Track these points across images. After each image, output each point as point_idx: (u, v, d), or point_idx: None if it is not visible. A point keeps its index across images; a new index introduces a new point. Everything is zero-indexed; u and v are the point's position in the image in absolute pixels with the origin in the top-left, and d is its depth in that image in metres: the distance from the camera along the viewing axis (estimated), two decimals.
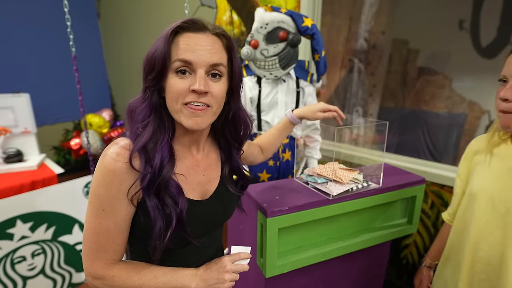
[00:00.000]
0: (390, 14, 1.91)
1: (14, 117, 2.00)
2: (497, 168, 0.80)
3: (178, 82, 0.57)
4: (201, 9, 2.57)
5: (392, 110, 1.98)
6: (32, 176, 1.86)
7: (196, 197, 0.67)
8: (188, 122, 0.58)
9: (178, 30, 0.57)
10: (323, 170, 1.11)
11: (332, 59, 2.17)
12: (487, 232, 0.79)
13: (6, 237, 1.61)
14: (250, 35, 1.51)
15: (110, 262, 0.62)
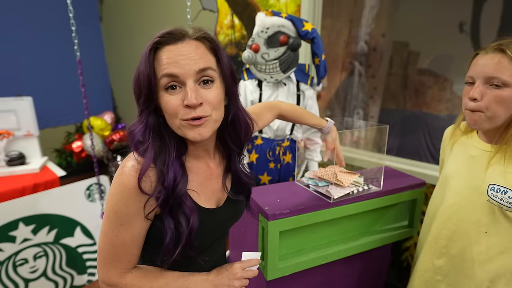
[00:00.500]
0: (391, 16, 1.91)
1: (17, 120, 2.01)
2: (461, 156, 0.92)
3: (170, 99, 0.55)
4: (202, 13, 2.59)
5: (393, 112, 1.99)
6: (35, 179, 1.87)
7: (213, 205, 0.68)
8: (191, 135, 0.57)
9: (157, 46, 0.55)
10: (324, 174, 1.12)
11: (333, 62, 2.18)
12: (452, 212, 0.90)
13: (9, 239, 1.62)
14: (251, 39, 1.52)
15: (124, 271, 0.62)
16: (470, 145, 0.90)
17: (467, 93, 0.83)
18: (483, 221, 0.84)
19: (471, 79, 0.82)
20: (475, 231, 0.85)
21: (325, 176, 1.10)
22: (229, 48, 2.49)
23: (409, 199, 1.24)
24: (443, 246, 0.93)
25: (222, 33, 2.50)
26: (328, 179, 1.09)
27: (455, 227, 0.89)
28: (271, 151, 1.59)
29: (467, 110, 0.83)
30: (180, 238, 0.58)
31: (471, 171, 0.87)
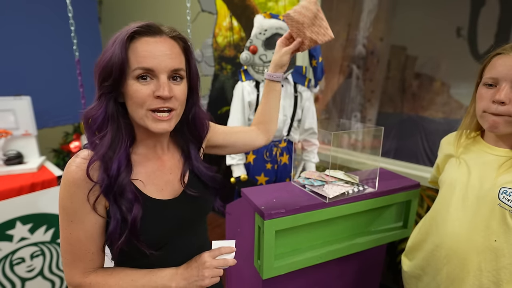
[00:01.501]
0: (388, 21, 1.94)
1: (15, 120, 2.01)
2: (469, 163, 0.87)
3: (140, 88, 0.56)
4: (201, 15, 2.61)
5: (390, 115, 2.01)
6: (32, 178, 1.87)
7: (167, 197, 0.67)
8: (154, 128, 0.58)
9: (134, 35, 0.56)
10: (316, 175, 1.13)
11: (331, 65, 2.20)
12: (454, 218, 0.85)
13: (6, 238, 1.62)
14: (249, 40, 1.54)
15: (87, 270, 0.63)
16: (481, 151, 0.86)
17: (487, 95, 0.77)
18: (492, 228, 0.79)
19: (493, 80, 0.77)
20: (483, 239, 0.80)
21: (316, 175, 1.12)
22: (227, 50, 2.51)
23: (403, 200, 1.25)
24: (445, 256, 0.87)
25: (220, 35, 2.52)
26: (323, 178, 1.11)
27: (458, 236, 0.84)
28: (268, 152, 1.60)
29: (488, 113, 0.78)
30: (126, 227, 0.59)
31: (482, 176, 0.82)
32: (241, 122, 1.63)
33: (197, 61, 2.75)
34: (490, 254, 0.80)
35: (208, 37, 2.61)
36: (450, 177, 0.90)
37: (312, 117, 1.70)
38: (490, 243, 0.79)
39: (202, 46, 2.67)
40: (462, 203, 0.84)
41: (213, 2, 2.49)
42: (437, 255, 0.89)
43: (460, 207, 0.85)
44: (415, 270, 0.98)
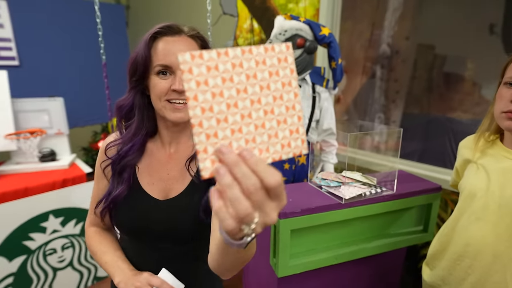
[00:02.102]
0: (415, 19, 1.88)
1: (49, 119, 2.15)
2: (488, 168, 0.84)
3: (160, 82, 0.63)
4: (223, 18, 2.66)
5: (416, 116, 1.95)
6: (64, 175, 1.99)
7: (155, 194, 0.69)
8: (171, 116, 0.64)
9: (156, 36, 0.63)
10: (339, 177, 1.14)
11: (353, 65, 2.16)
12: (476, 227, 0.82)
13: (40, 230, 1.73)
14: (268, 41, 1.56)
15: (92, 222, 0.79)
16: (500, 156, 0.83)
17: (508, 95, 0.76)
18: None
19: None
20: (507, 249, 0.77)
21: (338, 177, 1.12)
22: None
23: (424, 204, 1.23)
24: (468, 266, 0.84)
25: (241, 37, 2.56)
26: (340, 179, 1.11)
27: (481, 245, 0.81)
28: None
29: (505, 113, 0.77)
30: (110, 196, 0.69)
31: (502, 183, 0.80)
32: None
33: None
34: None
35: (229, 39, 2.66)
36: (469, 184, 0.87)
37: (330, 118, 1.69)
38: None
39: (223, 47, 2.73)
40: (483, 212, 0.81)
41: (234, 5, 2.54)
42: (460, 265, 0.86)
43: (481, 216, 0.82)
44: (435, 281, 0.95)
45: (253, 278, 1.39)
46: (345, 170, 1.14)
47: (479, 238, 0.82)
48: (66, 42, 3.41)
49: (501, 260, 0.78)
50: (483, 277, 0.81)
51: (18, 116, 2.05)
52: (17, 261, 1.68)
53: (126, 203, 0.69)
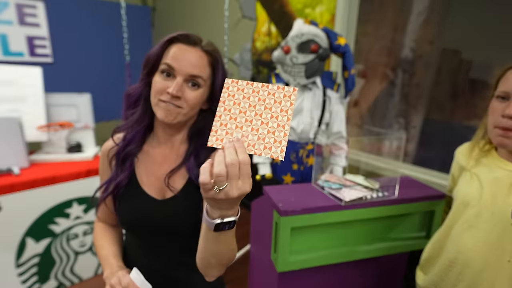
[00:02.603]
0: (440, 23, 1.85)
1: (77, 114, 2.30)
2: (481, 177, 0.84)
3: (160, 81, 0.67)
4: (242, 21, 2.74)
5: (437, 123, 1.92)
6: (88, 165, 2.13)
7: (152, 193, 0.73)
8: (160, 114, 0.68)
9: (173, 40, 0.68)
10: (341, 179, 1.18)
11: (373, 69, 2.15)
12: (469, 235, 0.83)
13: (64, 215, 1.88)
14: (284, 40, 1.61)
15: (100, 219, 0.84)
16: (494, 166, 0.84)
17: (499, 109, 0.77)
18: (506, 248, 0.77)
19: (505, 94, 0.77)
20: (496, 259, 0.78)
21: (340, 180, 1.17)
22: (265, 54, 2.61)
23: (426, 210, 1.25)
24: (459, 273, 0.85)
25: (259, 40, 2.63)
26: (340, 182, 1.15)
27: (472, 253, 0.82)
28: (294, 153, 1.67)
29: (498, 128, 0.77)
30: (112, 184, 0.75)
31: (495, 193, 0.80)
32: None
33: (237, 65, 2.89)
34: (504, 275, 0.78)
35: (247, 41, 2.73)
36: (462, 192, 0.88)
37: (340, 121, 1.73)
38: (503, 263, 0.77)
39: (241, 50, 2.81)
40: (476, 220, 0.82)
41: (253, 9, 2.61)
42: (452, 271, 0.88)
43: (474, 224, 0.83)
44: (428, 286, 0.97)
45: (257, 273, 1.45)
46: (347, 173, 1.18)
47: (471, 246, 0.83)
48: (95, 41, 3.61)
49: (491, 268, 0.79)
50: (473, 284, 0.83)
51: (49, 109, 2.22)
52: (43, 243, 1.83)
53: (125, 200, 0.74)
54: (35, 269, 1.82)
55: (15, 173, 1.89)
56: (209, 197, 0.45)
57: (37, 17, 3.15)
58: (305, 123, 1.64)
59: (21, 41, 3.11)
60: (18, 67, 2.21)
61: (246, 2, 2.68)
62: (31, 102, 2.16)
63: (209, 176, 0.43)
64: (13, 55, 3.09)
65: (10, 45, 3.06)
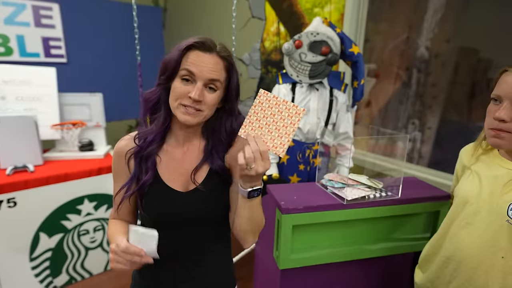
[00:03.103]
0: (457, 21, 1.81)
1: (89, 113, 2.37)
2: (481, 175, 0.86)
3: (181, 86, 0.71)
4: (251, 21, 2.76)
5: (454, 124, 1.87)
6: (100, 164, 2.18)
7: (176, 187, 0.78)
8: (181, 117, 0.72)
9: (190, 47, 0.72)
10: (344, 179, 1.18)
11: (387, 68, 2.11)
12: (465, 232, 0.84)
13: (76, 212, 1.94)
14: (298, 35, 1.60)
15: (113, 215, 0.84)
16: (494, 164, 0.85)
17: (492, 111, 0.79)
18: (500, 244, 0.78)
19: (497, 97, 0.78)
20: (491, 255, 0.80)
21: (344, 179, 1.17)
22: (274, 54, 2.62)
23: (431, 211, 1.24)
24: (454, 269, 0.87)
25: (268, 39, 2.64)
26: (343, 181, 1.16)
27: (468, 249, 0.83)
28: (301, 154, 1.68)
29: (491, 129, 0.79)
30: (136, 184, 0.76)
31: (493, 191, 0.82)
32: None
33: (245, 64, 2.91)
34: (497, 272, 0.79)
35: (256, 41, 2.75)
36: (462, 189, 0.90)
37: (347, 122, 1.73)
38: (498, 260, 0.78)
39: (251, 50, 2.82)
40: (474, 217, 0.84)
41: (262, 9, 2.62)
42: (447, 268, 0.89)
43: (471, 221, 0.84)
44: (425, 283, 0.98)
45: (261, 271, 1.47)
46: (350, 173, 1.18)
47: (467, 243, 0.84)
48: (107, 42, 3.69)
49: (485, 265, 0.80)
50: (467, 281, 0.83)
51: (63, 108, 2.29)
52: (55, 238, 1.89)
53: (152, 197, 0.77)
54: (47, 263, 1.89)
55: (30, 170, 1.96)
56: (243, 174, 0.65)
57: (52, 19, 3.25)
58: (312, 123, 1.65)
59: (37, 42, 3.21)
60: (34, 68, 2.29)
61: (255, 2, 2.69)
62: (46, 102, 2.23)
63: (244, 160, 0.63)
64: (29, 56, 3.19)
65: (27, 46, 3.16)
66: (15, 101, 2.15)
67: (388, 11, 2.07)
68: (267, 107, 0.68)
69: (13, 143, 1.97)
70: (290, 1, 2.40)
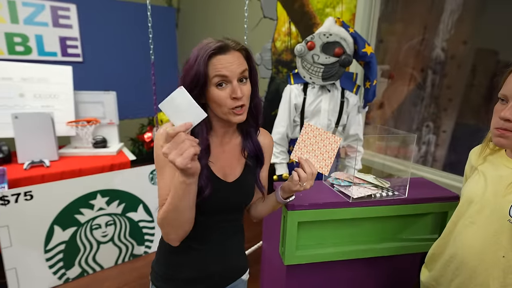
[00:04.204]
0: (475, 22, 1.77)
1: (103, 110, 2.43)
2: (487, 175, 0.86)
3: (219, 93, 0.75)
4: (263, 21, 2.78)
5: (470, 127, 1.84)
6: (112, 160, 2.24)
7: (227, 179, 0.85)
8: (236, 120, 0.77)
9: (211, 55, 0.75)
10: (351, 177, 1.19)
11: (401, 69, 2.10)
12: (469, 230, 0.85)
13: (89, 206, 1.99)
14: (311, 36, 1.60)
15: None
16: (500, 164, 0.85)
17: (498, 111, 0.79)
18: (502, 243, 0.79)
19: (503, 97, 0.79)
20: (492, 254, 0.80)
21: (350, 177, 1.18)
22: (284, 54, 2.63)
23: (439, 211, 1.23)
24: (456, 268, 0.88)
25: (279, 39, 2.66)
26: (349, 179, 1.16)
27: (470, 248, 0.84)
28: None
29: (496, 129, 0.80)
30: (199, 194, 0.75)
31: (497, 191, 0.82)
32: (287, 123, 1.74)
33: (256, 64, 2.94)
34: (497, 270, 0.79)
35: (267, 41, 2.77)
36: (467, 189, 0.90)
37: (358, 124, 1.72)
38: (498, 258, 0.79)
39: (261, 50, 2.84)
40: (477, 216, 0.84)
41: (274, 9, 2.64)
42: (450, 267, 0.90)
43: (475, 220, 0.85)
44: (430, 281, 0.98)
45: (268, 268, 1.48)
46: (356, 171, 1.19)
47: (469, 242, 0.84)
48: (121, 41, 3.78)
49: (485, 264, 0.80)
50: (468, 280, 0.84)
51: (78, 106, 2.36)
52: (69, 231, 1.95)
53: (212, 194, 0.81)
54: (61, 256, 1.95)
55: (46, 165, 2.03)
56: (295, 189, 0.81)
57: (69, 19, 3.35)
58: (322, 124, 1.65)
59: (55, 42, 3.31)
60: (51, 66, 2.37)
61: (267, 2, 2.71)
62: (62, 99, 2.31)
63: (298, 177, 0.79)
64: (47, 55, 3.30)
65: (45, 45, 3.27)
66: (33, 98, 2.23)
67: (402, 12, 2.05)
68: (312, 136, 0.84)
69: (31, 139, 2.04)
70: (301, 1, 2.41)
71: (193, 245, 0.85)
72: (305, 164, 0.80)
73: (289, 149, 1.82)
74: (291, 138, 1.80)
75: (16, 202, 1.73)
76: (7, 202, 1.71)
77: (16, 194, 1.73)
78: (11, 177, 1.86)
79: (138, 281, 2.06)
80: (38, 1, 3.13)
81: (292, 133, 1.78)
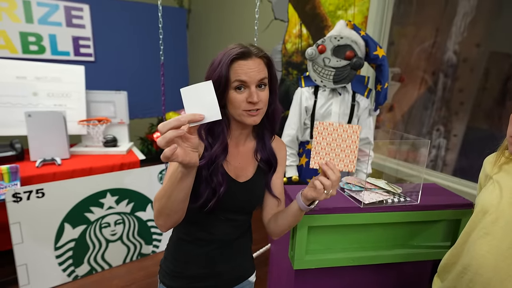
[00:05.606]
0: (489, 24, 1.75)
1: (114, 110, 2.46)
2: (502, 184, 0.85)
3: (237, 96, 0.77)
4: (274, 23, 2.78)
5: (482, 131, 1.81)
6: (122, 159, 2.26)
7: (239, 179, 0.86)
8: (249, 121, 0.79)
9: (232, 60, 0.78)
10: (362, 182, 1.17)
11: (412, 72, 2.08)
12: (483, 242, 0.83)
13: (98, 205, 2.01)
14: (322, 39, 1.59)
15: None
16: None
17: None
18: None
19: None
20: (506, 266, 0.79)
21: (361, 182, 1.16)
22: (295, 56, 2.62)
23: (452, 219, 1.21)
24: (469, 280, 0.86)
25: (290, 41, 2.65)
26: (361, 184, 1.15)
27: (484, 259, 0.82)
28: None
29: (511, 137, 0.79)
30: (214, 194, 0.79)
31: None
32: (297, 125, 1.73)
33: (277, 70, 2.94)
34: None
35: (278, 43, 2.76)
36: (482, 198, 0.88)
37: (368, 128, 1.71)
38: None
39: (272, 51, 2.84)
40: (492, 227, 0.82)
41: (285, 11, 2.64)
42: (463, 278, 0.87)
43: (490, 231, 0.83)
44: None
45: (276, 271, 1.48)
46: (368, 177, 1.17)
47: (484, 253, 0.82)
48: (133, 42, 3.82)
49: (500, 276, 0.78)
50: None
51: (89, 105, 2.39)
52: (78, 229, 1.97)
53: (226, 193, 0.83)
54: (70, 253, 1.97)
55: (57, 163, 2.06)
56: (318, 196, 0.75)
57: (83, 19, 3.39)
58: None
59: (68, 42, 3.36)
60: (64, 66, 2.41)
61: (278, 4, 2.71)
62: (74, 98, 2.34)
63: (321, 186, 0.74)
64: (60, 54, 3.35)
65: (58, 45, 3.32)
66: (46, 97, 2.27)
67: (414, 14, 2.03)
68: (326, 134, 0.76)
69: (43, 137, 2.07)
70: (313, 3, 2.40)
71: (200, 243, 0.87)
72: (328, 171, 0.74)
73: (299, 152, 1.81)
74: (301, 141, 1.79)
75: (28, 200, 1.76)
76: (19, 199, 1.73)
77: (28, 192, 1.76)
78: (24, 175, 1.89)
79: (146, 280, 2.07)
80: (52, 1, 3.18)
81: (302, 135, 1.77)
